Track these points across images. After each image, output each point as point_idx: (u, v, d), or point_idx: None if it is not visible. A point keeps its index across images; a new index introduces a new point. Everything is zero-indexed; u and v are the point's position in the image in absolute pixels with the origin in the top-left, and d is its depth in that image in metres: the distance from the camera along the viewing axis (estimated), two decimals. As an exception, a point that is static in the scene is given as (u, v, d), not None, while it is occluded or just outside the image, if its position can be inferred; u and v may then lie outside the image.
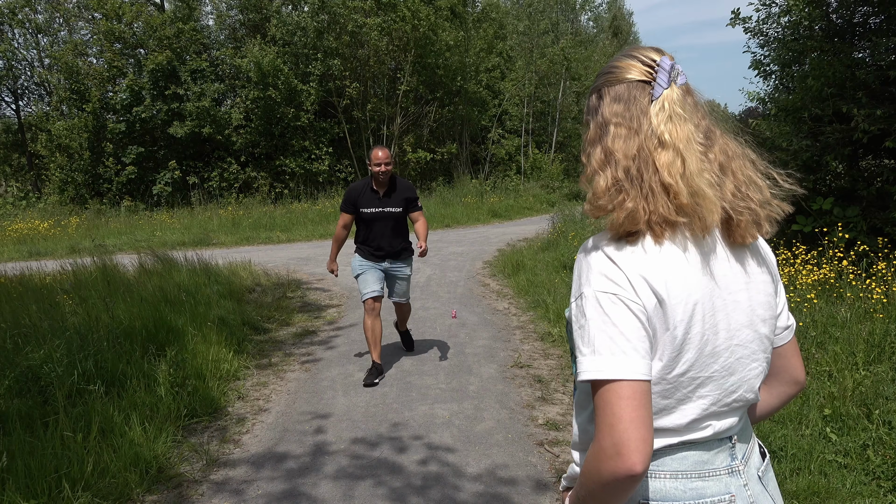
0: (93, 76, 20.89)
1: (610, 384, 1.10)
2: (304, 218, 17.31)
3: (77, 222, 16.99)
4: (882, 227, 6.36)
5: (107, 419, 3.97)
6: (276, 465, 3.84)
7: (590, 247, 1.21)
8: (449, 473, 3.68)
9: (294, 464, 3.85)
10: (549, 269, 9.18)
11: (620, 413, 1.08)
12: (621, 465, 1.06)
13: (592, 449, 1.12)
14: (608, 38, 41.19)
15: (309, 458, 3.91)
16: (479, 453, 3.92)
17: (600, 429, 1.10)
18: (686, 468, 1.23)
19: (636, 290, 1.14)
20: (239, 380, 5.36)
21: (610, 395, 1.09)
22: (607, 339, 1.12)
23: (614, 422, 1.08)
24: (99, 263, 7.93)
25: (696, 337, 1.17)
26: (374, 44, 20.63)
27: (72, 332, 5.01)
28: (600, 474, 1.10)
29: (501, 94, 26.93)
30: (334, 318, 7.44)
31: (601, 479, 1.10)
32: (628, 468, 1.06)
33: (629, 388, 1.09)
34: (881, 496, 3.22)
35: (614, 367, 1.10)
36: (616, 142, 1.21)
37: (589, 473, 1.13)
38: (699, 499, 1.22)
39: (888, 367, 4.34)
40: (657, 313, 1.15)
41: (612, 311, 1.13)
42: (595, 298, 1.15)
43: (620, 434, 1.07)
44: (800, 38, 7.69)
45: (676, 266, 1.16)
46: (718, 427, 1.24)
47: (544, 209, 20.66)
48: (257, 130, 20.65)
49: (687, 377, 1.18)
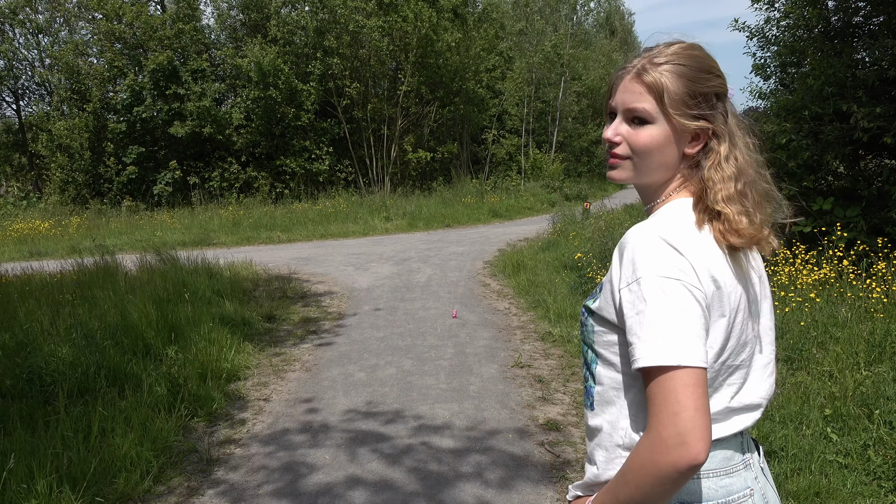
0: (93, 76, 20.91)
1: (673, 371, 1.07)
2: (304, 218, 17.32)
3: (78, 222, 17.01)
4: (882, 227, 6.35)
5: (108, 419, 3.98)
6: (276, 466, 3.84)
7: (644, 233, 1.18)
8: (449, 474, 3.68)
9: (294, 466, 3.85)
10: (550, 269, 9.19)
11: (685, 401, 1.05)
12: (685, 455, 1.03)
13: (648, 442, 1.08)
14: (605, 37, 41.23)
15: (309, 459, 3.91)
16: (480, 454, 3.92)
17: (660, 419, 1.06)
18: (715, 466, 1.22)
19: (699, 276, 1.13)
20: (239, 380, 5.36)
21: (673, 383, 1.06)
22: (671, 324, 1.09)
23: (679, 410, 1.05)
24: (101, 263, 7.94)
25: (738, 325, 1.21)
26: (375, 44, 20.63)
27: (76, 331, 5.02)
28: (658, 467, 1.05)
29: (501, 93, 26.94)
30: (335, 319, 7.44)
31: (659, 472, 1.06)
32: (692, 458, 1.03)
33: (693, 375, 1.07)
34: (882, 496, 3.22)
35: (678, 354, 1.07)
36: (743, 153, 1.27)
37: (641, 468, 1.09)
38: (728, 496, 1.22)
39: (889, 367, 4.34)
40: (715, 300, 1.16)
41: (675, 296, 1.11)
42: (657, 284, 1.12)
43: (686, 423, 1.03)
44: (799, 40, 7.70)
45: (726, 255, 1.21)
46: (742, 423, 1.25)
47: (545, 209, 20.66)
48: (258, 130, 20.65)
49: (725, 364, 1.21)
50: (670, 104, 1.22)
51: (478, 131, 27.29)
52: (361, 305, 8.03)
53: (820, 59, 6.97)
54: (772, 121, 7.11)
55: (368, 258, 11.82)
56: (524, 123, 27.14)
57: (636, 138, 1.25)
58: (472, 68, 24.23)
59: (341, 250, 13.07)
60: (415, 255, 11.97)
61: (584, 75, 30.19)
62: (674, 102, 1.22)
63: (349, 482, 3.60)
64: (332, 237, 15.66)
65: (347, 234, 16.00)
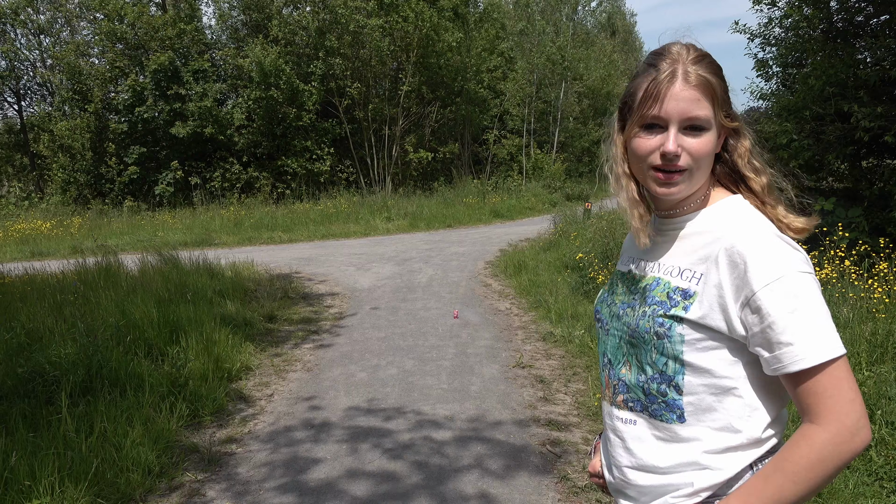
0: (95, 76, 20.92)
1: (840, 360, 1.10)
2: (305, 218, 17.33)
3: (79, 222, 17.02)
4: (884, 227, 6.35)
5: (110, 419, 3.98)
6: (277, 465, 3.84)
7: (757, 233, 1.19)
8: (451, 473, 3.68)
9: (296, 464, 3.85)
10: (551, 270, 9.18)
11: (854, 386, 1.09)
12: (866, 438, 1.08)
13: (828, 435, 1.08)
14: (606, 38, 41.20)
15: (310, 459, 3.92)
16: (482, 454, 3.92)
17: (838, 409, 1.08)
18: None
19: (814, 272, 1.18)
20: (241, 380, 5.36)
21: (840, 372, 1.09)
22: (824, 316, 1.12)
23: (853, 396, 1.08)
24: (103, 263, 7.95)
25: None
26: (376, 44, 20.64)
27: (79, 331, 5.02)
28: (841, 457, 1.07)
29: (503, 94, 26.94)
30: (336, 319, 7.45)
31: (841, 461, 1.08)
32: (868, 438, 1.08)
33: (846, 360, 1.11)
34: (884, 497, 3.22)
35: (838, 343, 1.11)
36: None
37: (820, 463, 1.08)
38: None
39: (891, 367, 4.33)
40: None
41: (816, 289, 1.14)
42: (800, 280, 1.13)
43: (860, 407, 1.08)
44: (801, 41, 7.70)
45: None
46: None
47: (546, 209, 20.66)
48: (259, 130, 20.66)
49: None
50: (720, 105, 1.23)
51: (479, 131, 27.29)
52: (363, 305, 8.03)
53: (821, 60, 6.97)
54: (773, 121, 7.11)
55: (370, 258, 11.82)
56: (525, 124, 27.14)
57: (698, 147, 1.22)
58: (473, 68, 24.23)
59: (343, 250, 13.07)
60: (416, 256, 11.97)
61: (585, 75, 30.18)
62: (721, 103, 1.23)
63: (350, 476, 3.60)
64: (334, 237, 15.67)
65: (349, 234, 16.00)
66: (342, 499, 3.43)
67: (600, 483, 1.53)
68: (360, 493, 3.48)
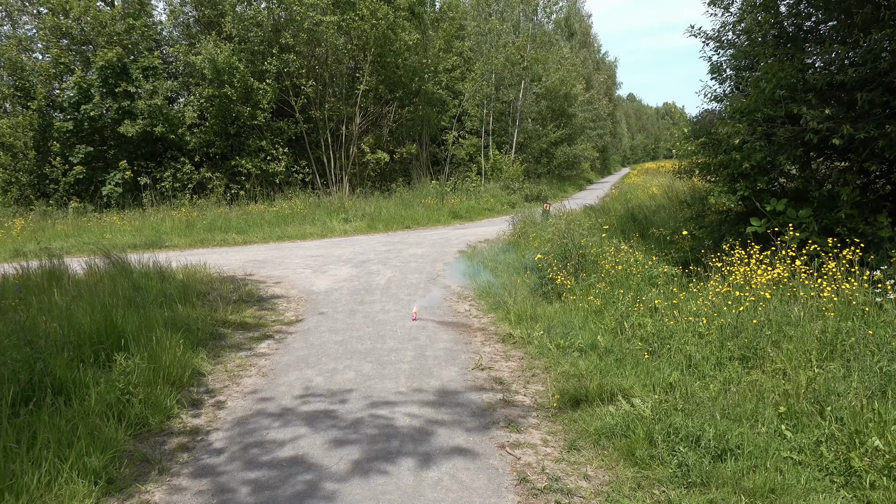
0: (38, 73, 20.17)
1: None
2: (260, 220, 17.03)
3: (22, 224, 16.37)
4: (833, 228, 6.52)
5: (54, 429, 3.81)
6: (230, 475, 3.72)
7: None
8: (409, 478, 3.62)
9: (250, 473, 3.74)
10: (510, 271, 9.19)
11: None
12: None
13: None
14: (563, 39, 41.64)
15: (265, 468, 3.81)
16: (440, 457, 3.88)
17: None
18: None
19: None
20: (193, 386, 5.20)
21: None
22: None
23: None
24: (46, 267, 7.63)
25: None
26: (332, 42, 20.40)
27: (18, 338, 4.79)
28: None
29: (461, 94, 26.97)
30: (292, 322, 7.31)
31: None
32: None
33: None
34: (834, 491, 3.29)
35: None
36: None
37: None
38: None
39: (840, 365, 4.44)
40: None
41: None
42: None
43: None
44: (753, 45, 7.88)
45: None
46: None
47: (505, 210, 20.76)
48: (212, 129, 20.21)
49: None
50: None
51: (438, 132, 27.26)
52: (319, 308, 7.91)
53: (772, 63, 7.14)
54: (727, 123, 7.25)
55: (326, 260, 11.66)
56: (484, 124, 27.22)
57: None
58: (430, 68, 24.18)
59: (298, 252, 12.88)
60: (374, 257, 11.87)
61: (544, 77, 30.45)
62: None
63: (310, 490, 3.51)
64: (290, 239, 15.43)
65: (305, 235, 15.78)
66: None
67: None
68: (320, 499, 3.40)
